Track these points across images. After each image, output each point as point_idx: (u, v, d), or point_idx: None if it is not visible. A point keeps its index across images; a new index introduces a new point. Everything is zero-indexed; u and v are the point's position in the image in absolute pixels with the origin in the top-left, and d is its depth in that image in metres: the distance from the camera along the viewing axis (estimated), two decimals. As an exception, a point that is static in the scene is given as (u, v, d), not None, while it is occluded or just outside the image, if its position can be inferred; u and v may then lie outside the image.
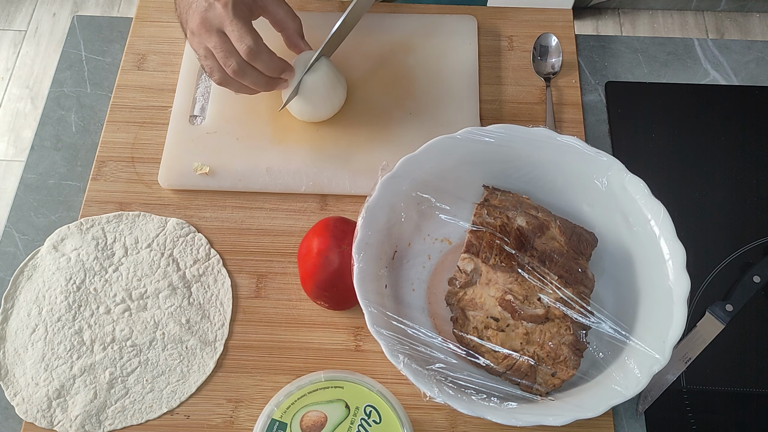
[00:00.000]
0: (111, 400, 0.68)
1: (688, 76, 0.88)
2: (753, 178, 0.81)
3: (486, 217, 0.67)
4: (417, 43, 0.87)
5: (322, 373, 0.65)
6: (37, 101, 1.95)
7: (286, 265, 0.75)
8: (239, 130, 0.81)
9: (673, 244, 0.65)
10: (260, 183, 0.78)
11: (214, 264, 0.75)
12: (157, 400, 0.69)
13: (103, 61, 0.89)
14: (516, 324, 0.64)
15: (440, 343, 0.67)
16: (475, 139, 0.70)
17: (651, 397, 0.69)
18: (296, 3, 0.90)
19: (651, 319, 0.65)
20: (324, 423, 0.62)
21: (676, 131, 0.84)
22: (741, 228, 0.78)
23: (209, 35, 0.70)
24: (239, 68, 0.70)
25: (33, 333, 0.71)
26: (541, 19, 0.91)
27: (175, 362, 0.70)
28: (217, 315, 0.72)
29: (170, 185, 0.79)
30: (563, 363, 0.63)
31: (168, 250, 0.75)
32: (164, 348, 0.71)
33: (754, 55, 0.90)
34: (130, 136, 0.82)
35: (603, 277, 0.70)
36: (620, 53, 0.90)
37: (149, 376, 0.70)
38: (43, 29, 2.09)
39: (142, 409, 0.68)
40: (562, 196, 0.73)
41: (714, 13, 2.10)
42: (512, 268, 0.64)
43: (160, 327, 0.71)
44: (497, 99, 0.85)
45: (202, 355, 0.70)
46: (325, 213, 0.78)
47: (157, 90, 0.85)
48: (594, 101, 0.86)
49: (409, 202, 0.71)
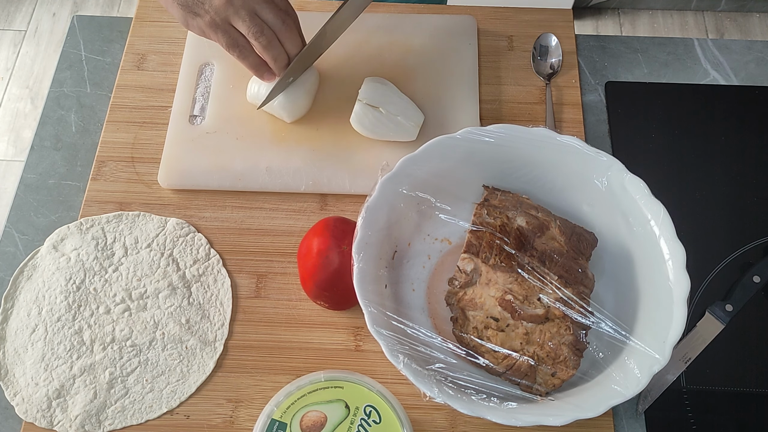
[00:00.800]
0: (111, 400, 0.68)
1: (688, 76, 0.88)
2: (753, 178, 0.81)
3: (486, 217, 0.67)
4: (417, 43, 0.87)
5: (322, 373, 0.65)
6: (37, 101, 1.95)
7: (286, 265, 0.75)
8: (239, 130, 0.81)
9: (673, 244, 0.65)
10: (260, 182, 0.78)
11: (214, 264, 0.75)
12: (157, 400, 0.69)
13: (103, 61, 0.89)
14: (516, 324, 0.64)
15: (440, 343, 0.67)
16: (475, 139, 0.70)
17: (651, 397, 0.69)
18: (296, 3, 0.90)
19: (651, 319, 0.65)
20: (324, 423, 0.62)
21: (676, 131, 0.84)
22: (741, 228, 0.78)
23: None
24: (292, 28, 0.72)
25: (33, 333, 0.71)
26: (541, 19, 0.91)
27: (175, 362, 0.70)
28: (216, 315, 0.72)
29: (170, 185, 0.79)
30: (563, 363, 0.63)
31: (168, 250, 0.75)
32: (164, 348, 0.71)
33: (754, 55, 0.90)
34: (130, 136, 0.82)
35: (603, 277, 0.70)
36: (620, 53, 0.90)
37: (149, 376, 0.69)
38: (43, 29, 2.09)
39: (141, 409, 0.68)
40: (562, 196, 0.73)
41: (714, 13, 2.10)
42: (512, 268, 0.64)
43: (160, 327, 0.71)
44: (497, 99, 0.85)
45: (202, 355, 0.70)
46: (324, 213, 0.78)
47: (157, 90, 0.85)
48: (594, 101, 0.86)
49: (409, 202, 0.71)
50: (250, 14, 0.71)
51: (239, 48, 0.73)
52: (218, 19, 0.71)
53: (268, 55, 0.73)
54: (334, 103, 0.83)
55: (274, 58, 0.74)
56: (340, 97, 0.83)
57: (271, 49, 0.73)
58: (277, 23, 0.72)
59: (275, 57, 0.73)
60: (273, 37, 0.72)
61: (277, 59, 0.74)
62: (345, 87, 0.83)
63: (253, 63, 0.74)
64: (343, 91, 0.83)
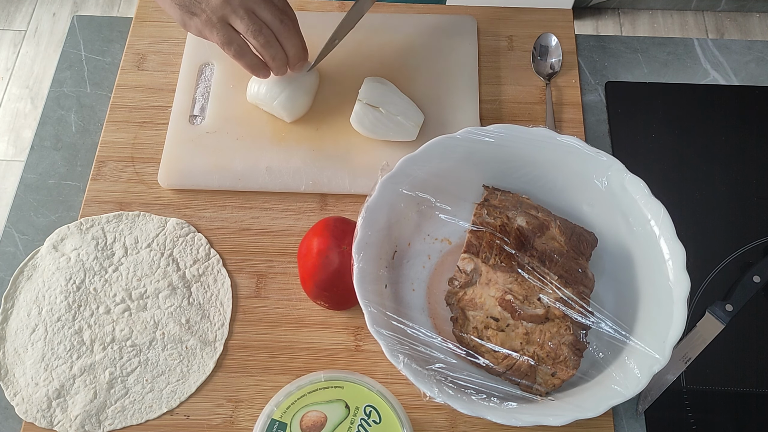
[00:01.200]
0: (111, 400, 0.68)
1: (688, 76, 0.88)
2: (753, 178, 0.81)
3: (486, 217, 0.67)
4: (417, 43, 0.87)
5: (322, 373, 0.65)
6: (37, 101, 1.95)
7: (286, 265, 0.75)
8: (239, 129, 0.81)
9: (673, 244, 0.65)
10: (260, 182, 0.78)
11: (214, 264, 0.75)
12: (157, 400, 0.69)
13: (103, 61, 0.89)
14: (516, 324, 0.64)
15: (440, 343, 0.67)
16: (475, 139, 0.70)
17: (651, 397, 0.69)
18: (296, 3, 0.90)
19: (651, 319, 0.65)
20: (324, 423, 0.62)
21: (676, 131, 0.84)
22: (741, 228, 0.78)
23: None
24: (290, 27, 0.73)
25: (33, 333, 0.71)
26: (541, 19, 0.91)
27: (175, 362, 0.70)
28: (216, 315, 0.72)
29: (170, 185, 0.79)
30: (563, 363, 0.63)
31: (168, 250, 0.75)
32: (164, 348, 0.71)
33: (754, 55, 0.90)
34: (129, 136, 0.82)
35: (603, 277, 0.70)
36: (620, 53, 0.90)
37: (149, 376, 0.69)
38: (43, 29, 2.09)
39: (141, 409, 0.68)
40: (562, 196, 0.73)
41: (714, 13, 2.10)
42: (512, 268, 0.64)
43: (159, 327, 0.71)
44: (497, 99, 0.85)
45: (202, 355, 0.70)
46: (324, 213, 0.78)
47: (157, 90, 0.85)
48: (594, 101, 0.86)
49: (409, 202, 0.71)
50: (248, 13, 0.71)
51: (235, 46, 0.73)
52: (215, 18, 0.71)
53: (266, 53, 0.73)
54: (334, 103, 0.83)
55: (273, 57, 0.74)
56: (340, 97, 0.83)
57: (270, 48, 0.73)
58: (275, 22, 0.72)
59: (273, 55, 0.73)
60: (271, 36, 0.73)
61: (276, 58, 0.74)
62: (345, 87, 0.83)
63: (249, 62, 0.74)
64: (343, 91, 0.83)
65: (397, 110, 0.77)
